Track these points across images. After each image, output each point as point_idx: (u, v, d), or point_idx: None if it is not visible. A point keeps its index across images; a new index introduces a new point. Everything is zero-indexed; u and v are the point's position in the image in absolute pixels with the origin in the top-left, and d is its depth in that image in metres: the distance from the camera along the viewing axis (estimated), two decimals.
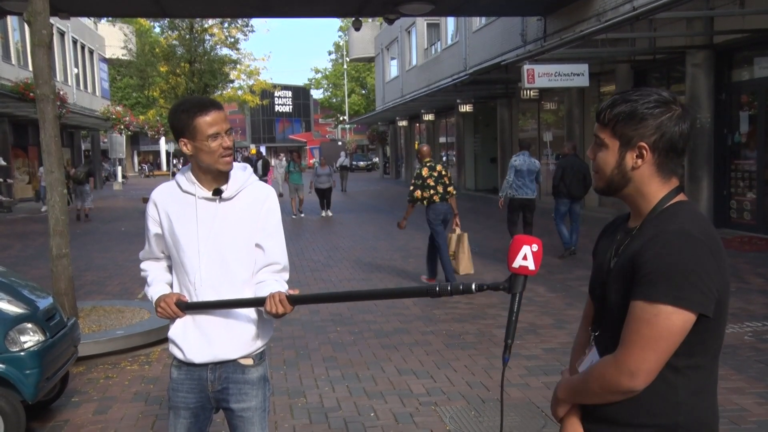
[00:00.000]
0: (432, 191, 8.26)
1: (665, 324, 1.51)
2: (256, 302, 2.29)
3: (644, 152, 1.62)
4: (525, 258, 1.73)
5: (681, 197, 1.67)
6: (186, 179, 2.38)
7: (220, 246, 2.34)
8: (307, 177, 19.48)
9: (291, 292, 2.25)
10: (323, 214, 18.01)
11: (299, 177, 18.02)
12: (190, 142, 2.29)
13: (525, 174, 9.86)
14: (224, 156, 2.29)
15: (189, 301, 2.37)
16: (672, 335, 1.53)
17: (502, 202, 10.39)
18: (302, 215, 17.78)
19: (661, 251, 1.54)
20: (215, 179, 2.36)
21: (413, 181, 8.43)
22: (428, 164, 8.38)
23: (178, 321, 2.39)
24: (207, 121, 2.27)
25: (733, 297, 7.02)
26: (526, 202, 9.94)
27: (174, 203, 2.39)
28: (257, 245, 2.37)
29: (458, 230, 8.39)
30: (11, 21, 23.91)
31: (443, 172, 8.39)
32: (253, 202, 2.38)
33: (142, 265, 2.54)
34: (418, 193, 8.29)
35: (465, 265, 8.34)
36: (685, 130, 1.62)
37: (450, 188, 8.37)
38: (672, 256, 1.53)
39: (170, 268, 2.49)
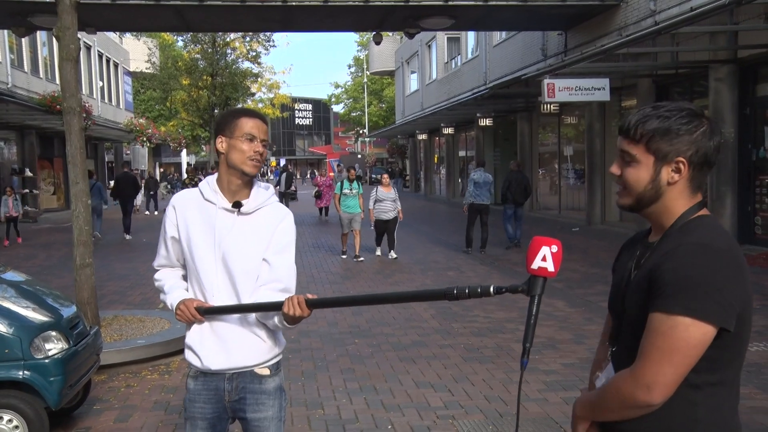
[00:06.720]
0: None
1: (682, 336, 1.49)
2: (274, 306, 2.30)
3: (681, 167, 1.61)
4: (544, 259, 1.64)
5: (704, 212, 1.66)
6: (210, 189, 2.43)
7: (233, 258, 2.37)
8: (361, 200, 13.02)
9: (309, 296, 2.28)
10: (385, 253, 12.58)
11: (356, 203, 12.52)
12: (227, 139, 2.38)
13: (482, 185, 12.74)
14: (252, 159, 2.36)
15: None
16: (689, 348, 1.50)
17: (465, 208, 12.85)
18: (361, 259, 12.13)
19: (680, 263, 1.53)
20: (237, 192, 2.40)
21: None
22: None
23: (194, 328, 2.41)
24: (249, 123, 2.37)
25: (758, 314, 6.92)
26: (482, 207, 12.70)
27: (194, 210, 2.43)
28: (264, 260, 2.39)
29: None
30: (40, 36, 24.42)
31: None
32: (270, 221, 2.42)
33: (157, 275, 2.55)
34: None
35: None
36: (718, 143, 1.62)
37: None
38: (690, 268, 1.51)
39: (185, 277, 2.50)
